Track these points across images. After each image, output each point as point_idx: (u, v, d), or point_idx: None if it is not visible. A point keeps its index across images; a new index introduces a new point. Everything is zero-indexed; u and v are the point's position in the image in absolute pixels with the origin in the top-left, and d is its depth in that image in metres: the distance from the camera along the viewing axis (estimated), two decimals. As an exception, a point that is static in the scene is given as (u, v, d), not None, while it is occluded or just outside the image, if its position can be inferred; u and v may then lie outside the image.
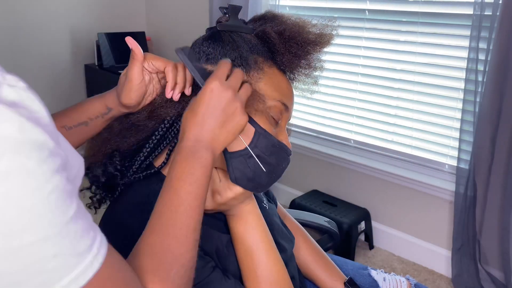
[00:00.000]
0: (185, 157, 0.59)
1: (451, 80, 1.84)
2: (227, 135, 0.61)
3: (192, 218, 0.56)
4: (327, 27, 0.74)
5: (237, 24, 0.72)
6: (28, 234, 0.34)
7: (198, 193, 0.58)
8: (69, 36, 2.77)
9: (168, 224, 0.55)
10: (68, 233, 0.37)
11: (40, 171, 0.35)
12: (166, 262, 0.53)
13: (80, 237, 0.38)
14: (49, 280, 0.37)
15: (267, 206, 0.85)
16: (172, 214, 0.55)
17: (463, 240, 1.82)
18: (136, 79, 0.67)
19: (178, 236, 0.54)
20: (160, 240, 0.54)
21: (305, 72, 0.74)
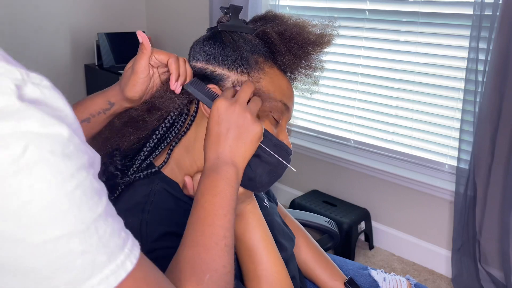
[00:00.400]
0: (207, 175, 0.61)
1: (451, 80, 1.84)
2: (245, 147, 0.63)
3: (220, 227, 0.58)
4: (328, 27, 0.74)
5: (238, 24, 0.72)
6: (53, 228, 0.34)
7: (223, 202, 0.60)
8: (69, 36, 2.77)
9: (197, 236, 0.57)
10: (96, 231, 0.36)
11: (64, 166, 0.34)
12: (199, 269, 0.54)
13: (110, 236, 0.38)
14: (78, 278, 0.36)
15: (267, 205, 0.85)
16: (200, 226, 0.58)
17: (463, 240, 1.82)
18: (143, 72, 0.67)
19: (207, 244, 0.56)
20: (191, 252, 0.56)
21: (305, 72, 0.75)
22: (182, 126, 0.70)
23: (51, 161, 0.33)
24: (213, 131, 0.62)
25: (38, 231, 0.34)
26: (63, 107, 0.37)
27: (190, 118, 0.70)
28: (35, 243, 0.34)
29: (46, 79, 0.37)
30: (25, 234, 0.33)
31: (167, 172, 0.71)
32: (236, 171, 0.62)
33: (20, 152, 0.32)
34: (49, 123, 0.34)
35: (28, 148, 0.32)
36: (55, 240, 0.34)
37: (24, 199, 0.33)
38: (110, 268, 0.37)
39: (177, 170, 0.72)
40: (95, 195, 0.37)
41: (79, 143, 0.36)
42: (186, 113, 0.70)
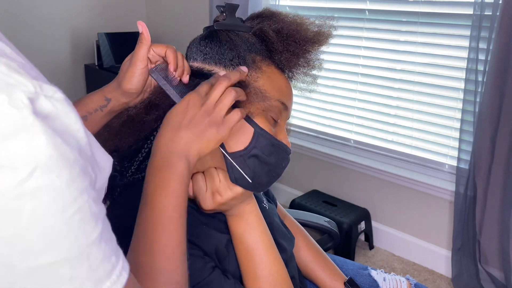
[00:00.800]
0: (157, 168, 0.57)
1: (451, 80, 1.84)
2: (201, 145, 0.60)
3: (175, 232, 0.55)
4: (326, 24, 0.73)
5: (235, 22, 0.71)
6: (47, 254, 0.33)
7: (177, 204, 0.56)
8: (69, 36, 2.77)
9: (152, 242, 0.54)
10: (88, 257, 0.36)
11: (68, 191, 0.33)
12: (160, 281, 0.52)
13: (100, 262, 0.37)
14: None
15: (267, 206, 0.85)
16: (154, 232, 0.54)
17: (463, 240, 1.82)
18: (141, 63, 0.67)
19: (165, 253, 0.53)
20: (148, 259, 0.53)
21: (303, 70, 0.74)
22: None
23: (56, 186, 0.33)
24: (174, 121, 0.59)
25: (32, 257, 0.33)
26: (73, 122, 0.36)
27: None
28: (28, 269, 0.33)
29: (60, 91, 0.36)
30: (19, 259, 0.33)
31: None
32: (188, 166, 0.58)
33: (26, 176, 0.31)
34: (59, 143, 0.33)
35: (36, 171, 0.32)
36: (47, 266, 0.34)
37: (23, 225, 0.32)
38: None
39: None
40: (92, 220, 0.36)
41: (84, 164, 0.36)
42: None
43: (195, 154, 0.60)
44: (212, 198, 0.68)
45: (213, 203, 0.68)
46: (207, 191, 0.68)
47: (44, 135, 0.32)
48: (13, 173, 0.31)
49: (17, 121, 0.31)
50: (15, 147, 0.31)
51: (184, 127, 0.59)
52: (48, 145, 0.32)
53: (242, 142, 0.66)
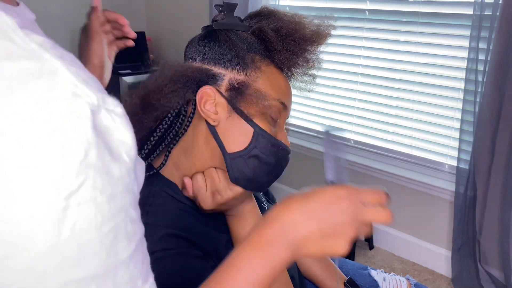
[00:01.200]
0: (257, 242, 0.49)
1: (451, 80, 1.84)
2: (317, 249, 0.50)
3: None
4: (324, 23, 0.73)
5: (233, 22, 0.71)
6: (79, 269, 0.33)
7: None
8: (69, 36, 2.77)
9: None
10: (114, 276, 0.35)
11: (107, 208, 0.33)
12: None
13: (125, 283, 0.36)
14: None
15: (266, 206, 0.85)
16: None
17: (463, 240, 1.82)
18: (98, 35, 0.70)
19: None
20: None
21: (303, 69, 0.73)
22: (180, 127, 0.70)
23: (98, 201, 0.33)
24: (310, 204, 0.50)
25: (66, 271, 0.33)
26: (128, 139, 0.36)
27: (187, 119, 0.69)
28: (59, 283, 0.33)
29: (120, 106, 0.36)
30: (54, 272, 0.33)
31: (166, 173, 0.71)
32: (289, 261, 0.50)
33: (75, 188, 0.32)
34: (109, 160, 0.33)
35: (84, 184, 0.32)
36: (77, 282, 0.34)
37: (64, 237, 0.32)
38: None
39: (176, 171, 0.71)
40: (125, 240, 0.36)
41: (128, 182, 0.36)
42: (184, 114, 0.70)
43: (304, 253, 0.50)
44: (212, 198, 0.68)
45: (213, 203, 0.68)
46: (207, 191, 0.68)
47: (97, 150, 0.32)
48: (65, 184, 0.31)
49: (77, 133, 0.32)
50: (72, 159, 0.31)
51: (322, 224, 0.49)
52: (98, 159, 0.32)
53: (242, 142, 0.66)
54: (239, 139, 0.66)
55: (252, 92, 0.67)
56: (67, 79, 0.33)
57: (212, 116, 0.67)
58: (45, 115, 0.31)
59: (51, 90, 0.32)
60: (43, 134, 0.31)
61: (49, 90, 0.32)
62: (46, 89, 0.32)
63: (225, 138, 0.67)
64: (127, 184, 0.35)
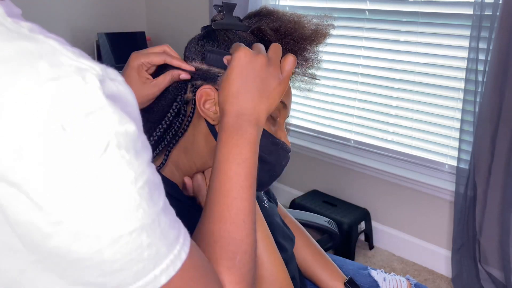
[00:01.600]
0: (230, 134, 0.57)
1: (451, 80, 1.84)
2: (268, 103, 0.59)
3: (246, 200, 0.55)
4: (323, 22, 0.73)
5: (232, 22, 0.71)
6: (127, 223, 0.36)
7: (248, 172, 0.56)
8: (69, 36, 2.77)
9: (223, 210, 0.54)
10: (159, 224, 0.39)
11: (137, 163, 0.36)
12: (228, 250, 0.53)
13: (169, 228, 0.40)
14: (144, 269, 0.38)
15: (267, 205, 0.85)
16: (226, 199, 0.55)
17: (463, 240, 1.82)
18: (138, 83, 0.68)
19: (236, 221, 0.54)
20: (218, 227, 0.53)
21: (302, 69, 0.73)
22: (180, 127, 0.69)
23: (127, 159, 0.35)
24: (233, 82, 0.58)
25: (115, 226, 0.36)
26: (132, 102, 0.39)
27: (187, 119, 0.69)
28: (113, 238, 0.36)
29: (119, 74, 0.39)
30: (104, 229, 0.35)
31: (166, 173, 0.71)
32: (258, 132, 0.58)
33: (103, 150, 0.34)
34: (125, 120, 0.36)
35: (109, 145, 0.34)
36: (128, 234, 0.36)
37: (105, 197, 0.35)
38: (170, 258, 0.40)
39: (176, 171, 0.71)
40: (157, 190, 0.39)
41: (144, 139, 0.39)
42: (183, 114, 0.69)
43: (264, 115, 0.59)
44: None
45: (213, 203, 0.68)
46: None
47: (114, 114, 0.35)
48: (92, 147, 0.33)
49: (92, 102, 0.34)
50: (93, 125, 0.34)
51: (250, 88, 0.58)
52: (116, 122, 0.35)
53: None
54: None
55: None
56: (67, 56, 0.35)
57: (212, 115, 0.67)
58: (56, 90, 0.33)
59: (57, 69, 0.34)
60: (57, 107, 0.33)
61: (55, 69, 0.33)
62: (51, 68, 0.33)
63: None
64: (144, 140, 0.38)
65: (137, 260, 0.37)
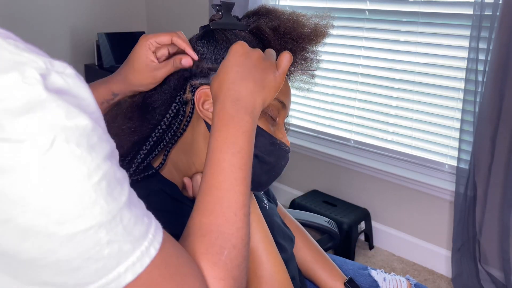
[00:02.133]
0: (225, 122, 0.55)
1: (451, 80, 1.84)
2: (264, 94, 0.58)
3: (239, 193, 0.53)
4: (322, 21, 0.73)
5: (231, 21, 0.70)
6: (82, 220, 0.35)
7: (243, 163, 0.54)
8: (69, 36, 2.77)
9: (214, 202, 0.52)
10: (121, 220, 0.37)
11: (89, 158, 0.35)
12: (216, 244, 0.50)
13: (133, 224, 0.39)
14: (106, 267, 0.37)
15: (267, 206, 0.84)
16: (218, 191, 0.52)
17: (463, 240, 1.82)
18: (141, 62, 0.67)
19: (226, 215, 0.51)
20: (208, 220, 0.51)
21: (301, 68, 0.73)
22: (179, 127, 0.69)
23: (78, 154, 0.34)
24: (230, 70, 0.57)
25: (69, 224, 0.35)
26: (85, 96, 0.37)
27: (186, 119, 0.69)
28: (66, 236, 0.35)
29: (70, 67, 0.38)
30: (57, 228, 0.34)
31: (165, 173, 0.71)
32: (253, 121, 0.57)
33: (48, 146, 0.33)
34: (75, 114, 0.34)
35: (55, 141, 0.33)
36: (84, 231, 0.35)
37: (55, 195, 0.33)
38: (136, 255, 0.39)
39: (175, 171, 0.71)
40: (118, 185, 0.38)
41: (102, 133, 0.37)
42: (182, 114, 0.69)
43: (260, 106, 0.58)
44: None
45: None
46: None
47: (58, 108, 0.33)
48: (34, 146, 0.32)
49: (31, 97, 0.32)
50: (33, 122, 0.32)
51: (247, 76, 0.57)
52: (63, 116, 0.33)
53: None
54: None
55: None
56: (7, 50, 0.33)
57: (211, 116, 0.66)
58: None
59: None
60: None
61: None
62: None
63: None
64: (101, 134, 0.37)
65: (96, 258, 0.36)
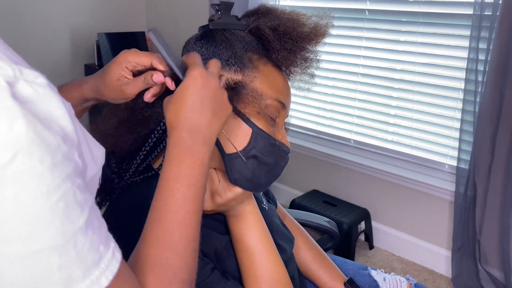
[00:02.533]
0: (181, 153, 0.53)
1: (451, 80, 1.84)
2: (218, 125, 0.57)
3: (190, 226, 0.51)
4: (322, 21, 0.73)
5: (230, 21, 0.70)
6: (34, 241, 0.33)
7: (197, 196, 0.53)
8: (69, 36, 2.77)
9: (164, 235, 0.50)
10: (75, 245, 0.35)
11: (51, 176, 0.33)
12: (165, 278, 0.49)
13: (87, 250, 0.36)
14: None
15: (266, 207, 0.84)
16: (169, 224, 0.51)
17: (463, 240, 1.82)
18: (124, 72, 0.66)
19: (176, 248, 0.50)
20: (158, 253, 0.50)
21: (301, 68, 0.73)
22: None
23: (39, 171, 0.32)
24: (189, 98, 0.54)
25: (19, 244, 0.32)
26: (56, 107, 0.35)
27: None
28: (15, 257, 0.33)
29: (42, 76, 0.35)
30: (5, 247, 0.32)
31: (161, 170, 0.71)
32: (210, 154, 0.56)
33: (8, 160, 0.31)
34: (40, 128, 0.32)
35: (18, 156, 0.31)
36: (35, 253, 0.33)
37: (7, 211, 0.31)
38: (85, 283, 0.36)
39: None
40: (78, 207, 0.36)
41: (67, 151, 0.35)
42: None
43: (214, 138, 0.57)
44: (212, 199, 0.68)
45: (213, 204, 0.68)
46: (206, 192, 0.68)
47: (24, 119, 0.31)
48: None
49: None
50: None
51: (206, 107, 0.55)
52: (29, 129, 0.32)
53: (241, 143, 0.66)
54: (238, 139, 0.66)
55: (250, 92, 0.66)
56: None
57: None
58: None
59: None
60: None
61: None
62: None
63: (224, 138, 0.67)
64: (66, 152, 0.35)
65: (44, 283, 0.34)
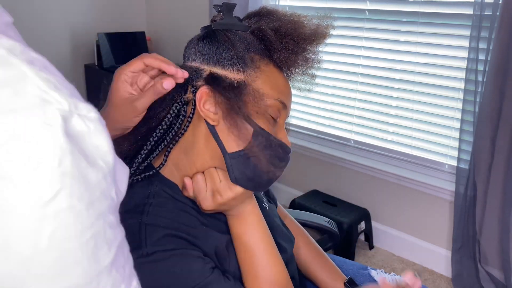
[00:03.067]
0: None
1: (451, 80, 1.84)
2: None
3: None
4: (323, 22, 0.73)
5: (232, 22, 0.70)
6: (61, 280, 0.32)
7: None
8: (69, 36, 2.77)
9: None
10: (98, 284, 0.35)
11: (86, 215, 0.33)
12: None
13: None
14: None
15: (267, 206, 0.84)
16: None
17: (463, 240, 1.82)
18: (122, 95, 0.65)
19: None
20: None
21: (302, 68, 0.73)
22: (180, 128, 0.69)
23: (77, 209, 0.32)
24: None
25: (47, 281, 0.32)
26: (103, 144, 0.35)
27: (187, 119, 0.69)
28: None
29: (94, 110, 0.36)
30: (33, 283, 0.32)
31: (166, 173, 0.71)
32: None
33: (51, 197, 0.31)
34: (84, 165, 0.33)
35: (60, 193, 0.31)
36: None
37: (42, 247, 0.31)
38: None
39: (176, 171, 0.71)
40: (105, 245, 0.35)
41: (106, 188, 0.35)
42: (183, 114, 0.69)
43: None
44: (212, 198, 0.68)
45: (213, 203, 0.68)
46: (207, 191, 0.68)
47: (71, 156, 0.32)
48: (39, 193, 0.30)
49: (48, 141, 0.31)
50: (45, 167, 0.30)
51: None
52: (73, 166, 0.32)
53: (242, 142, 0.66)
54: (239, 138, 0.66)
55: (252, 92, 0.66)
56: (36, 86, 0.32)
57: (212, 116, 0.67)
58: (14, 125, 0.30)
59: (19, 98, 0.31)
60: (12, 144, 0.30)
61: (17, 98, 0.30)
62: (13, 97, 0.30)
63: (225, 138, 0.67)
64: (104, 189, 0.35)
65: None
